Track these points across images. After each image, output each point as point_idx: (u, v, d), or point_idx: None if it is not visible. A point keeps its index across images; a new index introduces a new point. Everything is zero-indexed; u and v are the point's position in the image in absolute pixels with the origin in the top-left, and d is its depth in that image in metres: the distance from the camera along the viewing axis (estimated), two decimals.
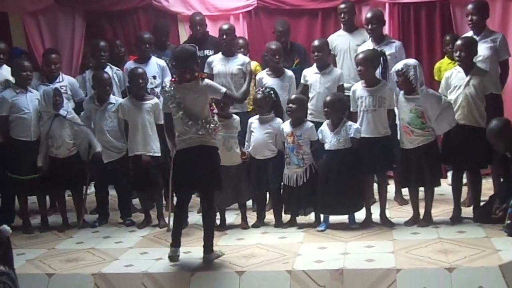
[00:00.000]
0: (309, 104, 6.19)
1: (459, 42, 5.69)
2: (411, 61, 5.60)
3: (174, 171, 5.26)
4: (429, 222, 5.64)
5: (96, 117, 6.28)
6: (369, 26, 6.42)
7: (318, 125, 5.86)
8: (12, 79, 6.42)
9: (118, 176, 6.34)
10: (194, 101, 4.99)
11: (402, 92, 5.56)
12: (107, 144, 6.23)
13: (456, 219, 5.69)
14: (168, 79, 6.30)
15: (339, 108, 5.66)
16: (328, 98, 5.73)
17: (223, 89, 5.11)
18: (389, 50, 6.18)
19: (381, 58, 5.81)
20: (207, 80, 5.08)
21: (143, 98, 6.19)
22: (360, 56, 5.79)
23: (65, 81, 6.75)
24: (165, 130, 5.33)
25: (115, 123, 6.27)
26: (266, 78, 6.46)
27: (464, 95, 5.59)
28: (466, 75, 5.60)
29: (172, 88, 5.04)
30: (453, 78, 5.70)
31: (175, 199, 5.45)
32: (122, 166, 6.29)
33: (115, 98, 6.39)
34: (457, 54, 5.64)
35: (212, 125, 5.04)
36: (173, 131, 5.12)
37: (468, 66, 5.62)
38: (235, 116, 5.98)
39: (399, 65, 5.51)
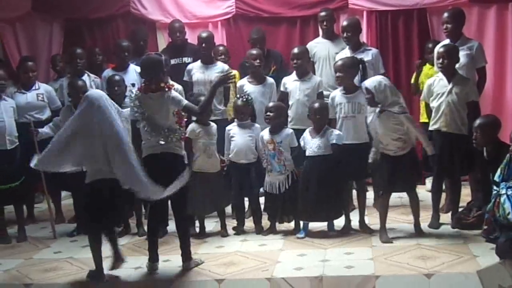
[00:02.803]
0: (289, 112, 6.21)
1: (441, 49, 5.71)
2: (379, 81, 5.37)
3: None
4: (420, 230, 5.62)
5: None
6: (345, 34, 6.45)
7: (298, 132, 5.88)
8: None
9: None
10: (157, 111, 5.00)
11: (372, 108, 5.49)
12: None
13: (434, 225, 5.72)
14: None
15: (322, 115, 5.68)
16: (315, 104, 5.73)
17: (184, 102, 5.07)
18: (366, 57, 6.20)
19: (360, 66, 5.83)
20: (173, 92, 5.06)
21: (121, 106, 6.15)
22: (339, 63, 5.83)
23: (41, 89, 6.70)
24: (131, 138, 5.29)
25: None
26: (247, 85, 6.47)
27: (447, 102, 5.61)
28: (449, 82, 5.62)
29: (137, 97, 5.05)
30: (435, 85, 5.72)
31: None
32: None
33: None
34: (440, 61, 5.65)
35: (176, 135, 5.05)
36: (139, 138, 5.14)
37: (451, 73, 5.64)
38: (212, 123, 5.98)
39: (368, 83, 5.38)
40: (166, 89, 4.99)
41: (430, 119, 5.81)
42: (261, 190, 6.02)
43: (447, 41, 6.09)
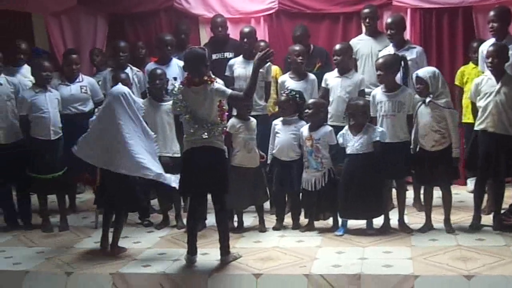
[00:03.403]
0: (329, 108, 6.19)
1: (491, 48, 5.61)
2: (433, 71, 5.55)
3: (181, 173, 5.25)
4: (449, 227, 5.62)
5: None
6: (389, 32, 6.40)
7: (337, 129, 5.85)
8: (31, 79, 6.48)
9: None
10: (200, 104, 5.01)
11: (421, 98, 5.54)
12: None
13: (476, 227, 5.65)
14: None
15: (363, 112, 5.65)
16: (353, 102, 5.71)
17: (228, 91, 5.09)
18: (410, 55, 6.16)
19: (402, 63, 5.78)
20: (216, 84, 5.07)
21: (161, 99, 6.22)
22: (380, 60, 5.78)
23: (85, 81, 6.79)
24: (175, 132, 5.34)
25: None
26: (288, 81, 6.45)
27: (495, 102, 5.51)
28: (497, 82, 5.53)
29: (180, 91, 5.08)
30: (483, 84, 5.62)
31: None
32: None
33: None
34: (489, 60, 5.55)
35: (219, 129, 5.06)
36: (181, 132, 5.18)
37: (499, 73, 5.54)
38: (252, 119, 6.00)
39: (422, 73, 5.50)
40: (209, 82, 5.01)
41: (476, 119, 5.72)
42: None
43: (492, 40, 5.98)
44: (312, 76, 6.53)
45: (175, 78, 6.62)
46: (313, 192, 5.78)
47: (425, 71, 5.54)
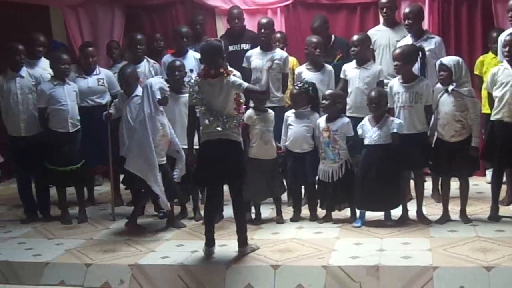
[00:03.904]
0: (348, 99, 6.16)
1: (508, 37, 5.56)
2: (457, 59, 5.53)
3: (197, 164, 5.26)
4: (465, 218, 5.60)
5: (126, 111, 6.27)
6: (406, 22, 6.34)
7: (356, 120, 5.83)
8: (51, 71, 6.52)
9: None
10: (216, 97, 5.01)
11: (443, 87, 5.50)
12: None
13: (494, 218, 5.61)
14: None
15: (383, 103, 5.62)
16: (373, 93, 5.68)
17: (245, 84, 5.08)
18: (428, 45, 6.11)
19: (420, 53, 5.74)
20: (232, 77, 5.06)
21: (180, 91, 6.22)
22: (397, 51, 5.74)
23: (102, 74, 6.79)
24: (188, 124, 5.34)
25: None
26: (305, 72, 6.43)
27: (511, 92, 5.49)
28: None
29: (197, 83, 5.08)
30: (499, 74, 5.59)
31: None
32: None
33: None
34: (506, 49, 5.51)
35: (234, 122, 5.05)
36: (195, 124, 5.21)
37: None
38: (270, 110, 5.98)
39: (446, 61, 5.48)
40: (225, 75, 5.01)
41: (492, 109, 5.68)
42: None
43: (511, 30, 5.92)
44: (329, 67, 6.50)
45: (191, 70, 6.61)
46: (329, 184, 5.77)
47: (449, 59, 5.52)
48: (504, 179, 6.00)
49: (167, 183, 5.74)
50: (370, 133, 5.63)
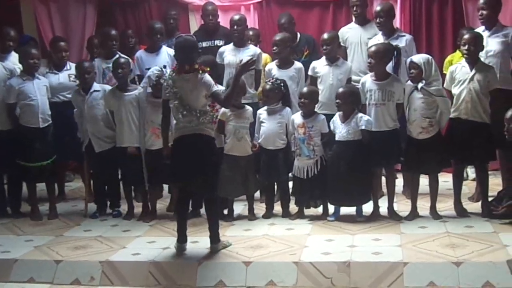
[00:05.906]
0: (319, 97, 6.18)
1: (467, 36, 5.64)
2: (427, 57, 5.59)
3: (171, 160, 5.22)
4: (435, 214, 5.66)
5: (86, 107, 6.21)
6: (377, 20, 6.37)
7: (327, 116, 5.85)
8: (20, 66, 6.43)
9: (108, 166, 6.32)
10: (190, 92, 4.99)
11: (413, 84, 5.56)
12: (99, 133, 6.21)
13: (460, 213, 5.68)
14: None
15: (351, 100, 5.65)
16: (341, 90, 5.71)
17: (214, 88, 5.02)
18: (399, 43, 6.13)
19: (395, 53, 5.78)
20: (206, 75, 5.03)
21: (126, 89, 6.15)
22: (373, 48, 5.75)
23: (72, 69, 6.68)
24: (162, 120, 5.29)
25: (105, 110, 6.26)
26: (274, 69, 6.45)
27: (468, 89, 5.55)
28: (471, 69, 5.57)
29: (171, 77, 5.06)
30: (457, 72, 5.67)
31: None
32: (111, 156, 6.24)
33: (100, 86, 6.32)
34: (466, 47, 5.59)
35: (207, 117, 5.04)
36: (168, 118, 5.16)
37: (474, 60, 5.58)
38: (247, 107, 5.99)
39: (416, 59, 5.52)
40: (200, 71, 5.00)
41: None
42: (290, 174, 6.02)
43: (482, 29, 5.99)
44: (298, 64, 6.51)
45: (164, 66, 6.58)
46: (305, 180, 5.79)
47: (420, 57, 5.58)
48: (474, 176, 6.07)
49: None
50: (339, 129, 5.66)
